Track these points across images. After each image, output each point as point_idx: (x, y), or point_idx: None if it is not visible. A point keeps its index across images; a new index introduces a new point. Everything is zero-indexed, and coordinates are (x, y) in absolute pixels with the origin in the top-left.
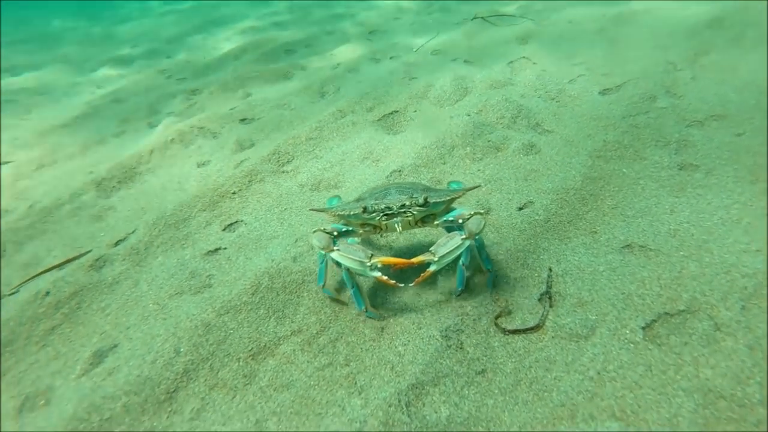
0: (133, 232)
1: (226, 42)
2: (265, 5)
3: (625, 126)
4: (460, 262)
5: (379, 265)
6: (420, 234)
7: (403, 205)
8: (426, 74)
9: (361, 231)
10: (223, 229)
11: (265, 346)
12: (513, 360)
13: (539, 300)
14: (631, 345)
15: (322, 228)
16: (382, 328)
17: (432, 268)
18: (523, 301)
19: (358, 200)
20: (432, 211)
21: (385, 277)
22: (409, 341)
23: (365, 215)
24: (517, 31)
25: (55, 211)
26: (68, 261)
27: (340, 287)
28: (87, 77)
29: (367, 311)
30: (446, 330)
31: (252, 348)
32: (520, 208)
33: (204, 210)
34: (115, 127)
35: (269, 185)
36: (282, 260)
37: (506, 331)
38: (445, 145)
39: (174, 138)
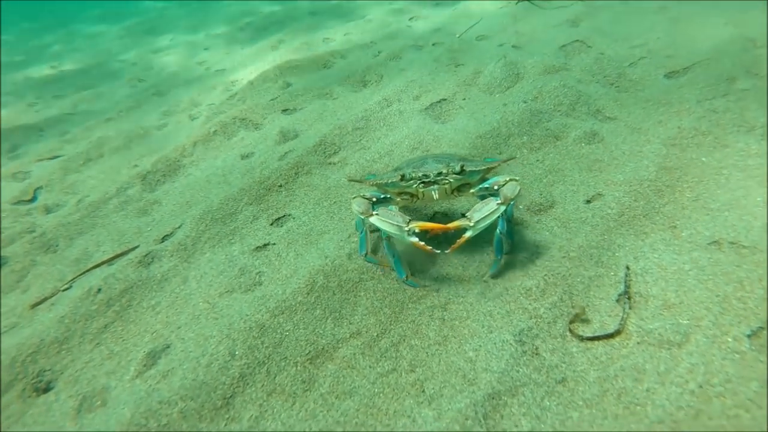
0: (179, 226)
1: (263, 32)
2: None
3: (701, 111)
4: (497, 230)
5: (416, 230)
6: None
7: (440, 173)
8: (473, 60)
9: (398, 199)
10: (271, 224)
11: (323, 349)
12: (595, 368)
13: (617, 301)
14: (737, 355)
15: (361, 194)
16: (448, 333)
17: (468, 234)
18: (600, 302)
19: (395, 170)
20: (468, 179)
21: (422, 243)
22: (480, 346)
23: (403, 183)
24: (566, 14)
25: (103, 206)
26: (117, 256)
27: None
28: (128, 68)
29: (407, 279)
30: (520, 334)
31: (310, 351)
32: (588, 201)
33: (251, 204)
34: (157, 120)
35: (316, 177)
36: (336, 257)
37: (584, 339)
38: (501, 135)
39: (216, 130)
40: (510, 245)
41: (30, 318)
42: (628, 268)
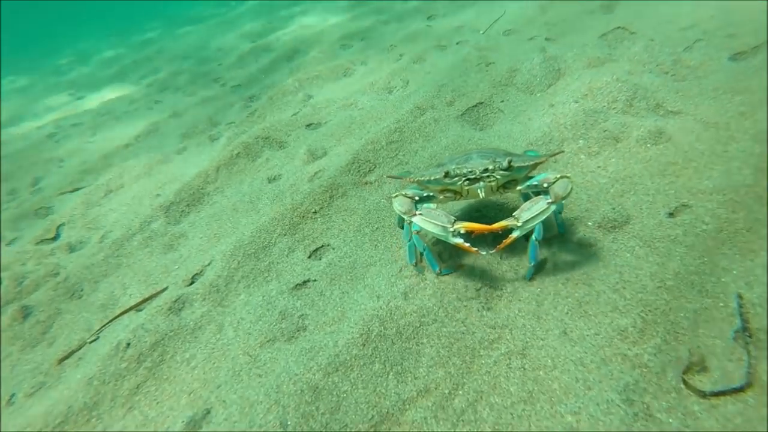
0: (209, 264)
1: (275, 42)
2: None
3: None
4: (533, 237)
5: (462, 231)
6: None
7: (486, 170)
8: (504, 58)
9: (441, 197)
10: (309, 256)
11: (388, 413)
12: None
13: (735, 339)
14: None
15: (402, 192)
16: (533, 387)
17: (515, 234)
18: (713, 342)
19: (438, 166)
20: (515, 176)
21: (467, 244)
22: (579, 408)
23: (447, 180)
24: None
25: (127, 243)
26: (145, 301)
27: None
28: (142, 93)
29: (442, 271)
30: (625, 390)
31: (373, 416)
32: (671, 214)
33: (284, 234)
34: (177, 143)
35: (353, 200)
36: (390, 298)
37: (705, 395)
38: (553, 140)
39: (239, 152)
40: (562, 236)
41: (57, 376)
42: (740, 296)
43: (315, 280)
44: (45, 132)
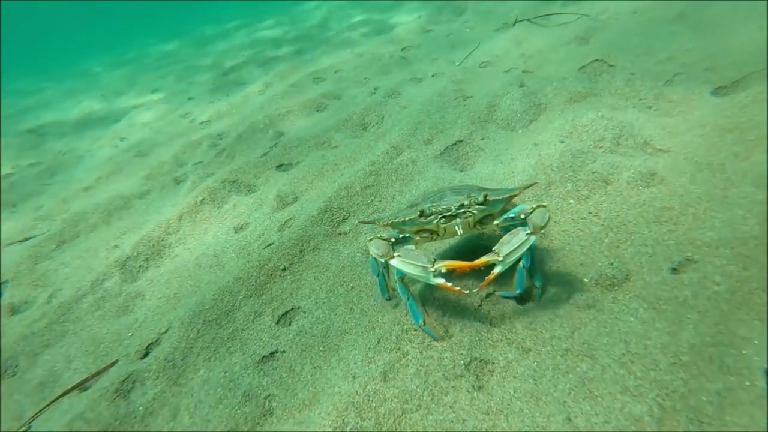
0: (166, 331)
1: (248, 77)
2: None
3: None
4: (521, 264)
5: (443, 270)
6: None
7: (462, 205)
8: (482, 91)
9: (417, 238)
10: (277, 321)
11: None
12: None
13: None
14: None
15: (378, 235)
16: None
17: (497, 270)
18: (745, 425)
19: (411, 206)
20: (491, 210)
21: (449, 284)
22: None
23: (422, 219)
24: (573, 30)
25: (76, 306)
26: (91, 377)
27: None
28: (109, 129)
29: (424, 325)
30: None
31: None
32: (675, 269)
33: (250, 296)
34: (139, 186)
35: (326, 254)
36: (368, 379)
37: None
38: (539, 183)
39: (204, 198)
40: (540, 287)
41: None
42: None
43: (284, 352)
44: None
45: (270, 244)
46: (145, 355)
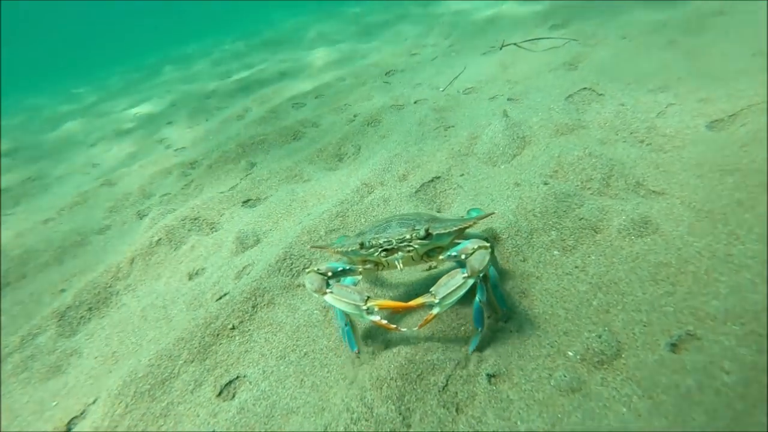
0: (93, 402)
1: (230, 101)
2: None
3: None
4: (477, 299)
5: (376, 309)
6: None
7: (403, 239)
8: (464, 121)
9: (361, 269)
10: (219, 394)
11: None
12: None
13: None
14: None
15: (315, 268)
16: None
17: (434, 311)
18: None
19: (359, 234)
20: (437, 243)
21: (384, 321)
22: None
23: (363, 251)
24: (561, 56)
25: None
26: None
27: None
28: (85, 153)
29: (360, 353)
30: None
31: None
32: (674, 346)
33: (192, 361)
34: (101, 219)
35: (281, 311)
36: None
37: None
38: (520, 231)
39: (161, 238)
40: (506, 313)
41: None
42: None
43: None
44: None
45: (224, 295)
46: None
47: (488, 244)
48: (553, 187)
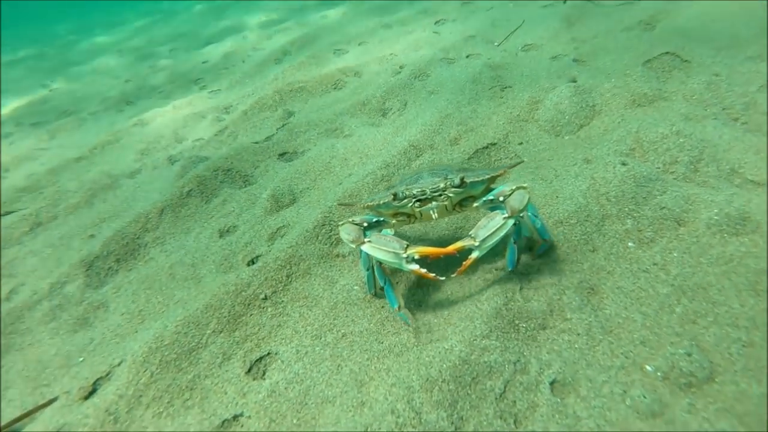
0: (119, 363)
1: (266, 41)
2: None
3: None
4: (512, 240)
5: (416, 257)
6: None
7: (438, 188)
8: (524, 81)
9: (393, 222)
10: (248, 371)
11: None
12: None
13: None
14: None
15: (350, 219)
16: None
17: (474, 255)
18: None
19: (389, 188)
20: (470, 192)
21: (423, 270)
22: None
23: (396, 203)
24: (636, 13)
25: (28, 314)
26: (19, 419)
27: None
28: (119, 89)
29: (399, 311)
30: None
31: None
32: None
33: (221, 331)
34: (132, 163)
35: (317, 283)
36: None
37: None
38: (591, 216)
39: (192, 189)
40: (548, 243)
41: None
42: None
43: (249, 417)
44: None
45: (256, 257)
46: (89, 396)
47: (526, 185)
48: (633, 169)
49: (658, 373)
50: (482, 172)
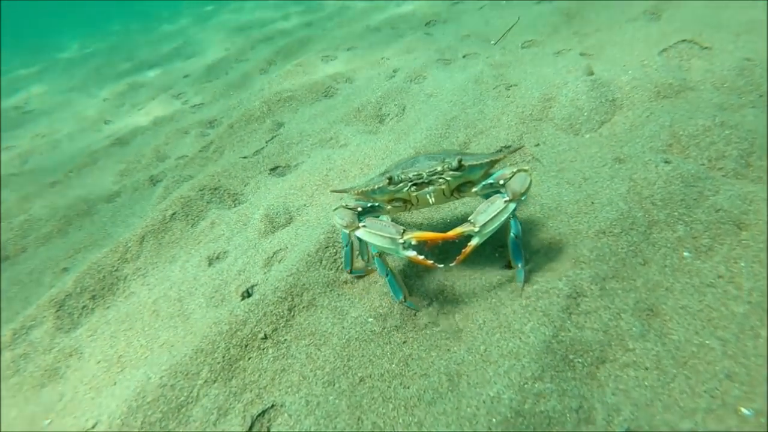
0: (93, 426)
1: (250, 52)
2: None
3: None
4: (512, 234)
5: (413, 242)
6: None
7: (435, 171)
8: (530, 79)
9: (389, 207)
10: (249, 429)
11: None
12: None
13: None
14: None
15: (344, 204)
16: None
17: (474, 242)
18: None
19: (383, 173)
20: (469, 176)
21: (420, 257)
22: None
23: (391, 188)
24: (639, 4)
25: None
26: None
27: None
28: (97, 108)
29: (405, 301)
30: None
31: None
32: None
33: (214, 380)
34: (111, 185)
35: (325, 316)
36: None
37: None
38: (636, 223)
39: (176, 212)
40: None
41: None
42: None
43: None
44: None
45: (252, 287)
46: None
47: (527, 168)
48: (678, 167)
49: (762, 420)
50: (481, 156)
